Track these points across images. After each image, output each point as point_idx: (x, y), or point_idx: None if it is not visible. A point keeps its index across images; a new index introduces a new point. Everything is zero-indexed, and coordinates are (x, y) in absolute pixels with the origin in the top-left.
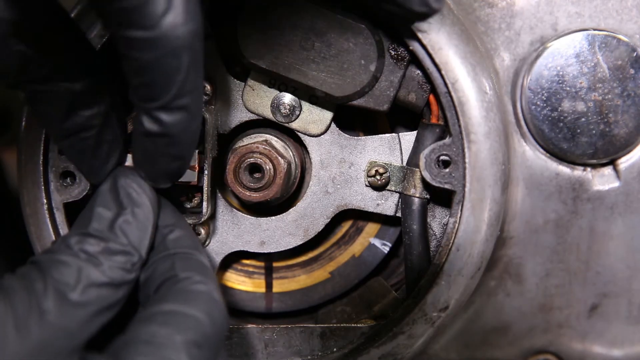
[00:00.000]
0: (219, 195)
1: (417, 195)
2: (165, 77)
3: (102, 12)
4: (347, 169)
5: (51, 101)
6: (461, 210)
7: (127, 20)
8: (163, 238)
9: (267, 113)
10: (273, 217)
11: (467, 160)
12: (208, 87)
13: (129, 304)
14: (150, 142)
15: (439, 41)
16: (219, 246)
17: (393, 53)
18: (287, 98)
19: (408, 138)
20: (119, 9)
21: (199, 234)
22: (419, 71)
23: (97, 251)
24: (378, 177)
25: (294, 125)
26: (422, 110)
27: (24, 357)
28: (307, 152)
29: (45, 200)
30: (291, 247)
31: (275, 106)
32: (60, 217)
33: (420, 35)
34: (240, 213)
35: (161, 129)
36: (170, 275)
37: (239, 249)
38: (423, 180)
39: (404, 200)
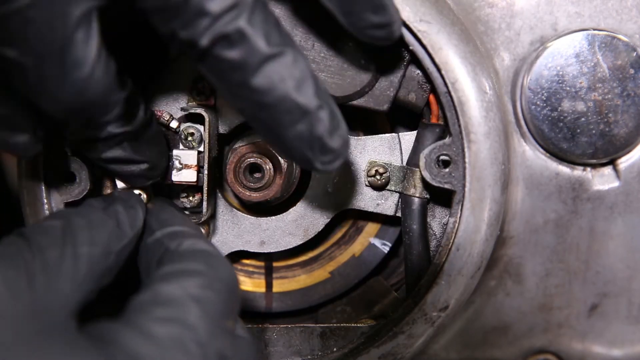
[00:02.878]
0: (219, 195)
1: (417, 195)
2: None
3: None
4: (347, 168)
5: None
6: (461, 210)
7: None
8: (152, 230)
9: None
10: (273, 217)
11: (467, 160)
12: (208, 87)
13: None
14: None
15: (439, 41)
16: (219, 246)
17: None
18: None
19: (408, 138)
20: None
21: None
22: (419, 71)
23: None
24: (378, 177)
25: None
26: (422, 110)
27: (18, 321)
28: None
29: (45, 200)
30: (291, 247)
31: None
32: None
33: (420, 35)
34: (240, 213)
35: None
36: (163, 251)
37: (239, 249)
38: (423, 180)
39: (404, 200)
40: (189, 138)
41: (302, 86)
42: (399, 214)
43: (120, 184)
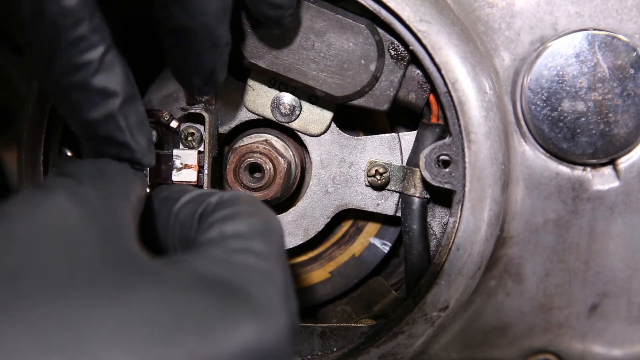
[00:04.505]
0: None
1: (417, 195)
2: None
3: None
4: (347, 168)
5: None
6: (461, 210)
7: None
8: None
9: (267, 113)
10: None
11: (467, 160)
12: None
13: None
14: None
15: (439, 41)
16: None
17: (393, 53)
18: (287, 98)
19: (408, 138)
20: None
21: None
22: (419, 71)
23: None
24: (378, 176)
25: (294, 125)
26: (422, 110)
27: (98, 244)
28: (307, 151)
29: None
30: (291, 247)
31: (275, 106)
32: None
33: (420, 35)
34: None
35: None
36: (205, 206)
37: None
38: (423, 180)
39: (404, 200)
40: (189, 138)
41: (223, 20)
42: (399, 214)
43: None
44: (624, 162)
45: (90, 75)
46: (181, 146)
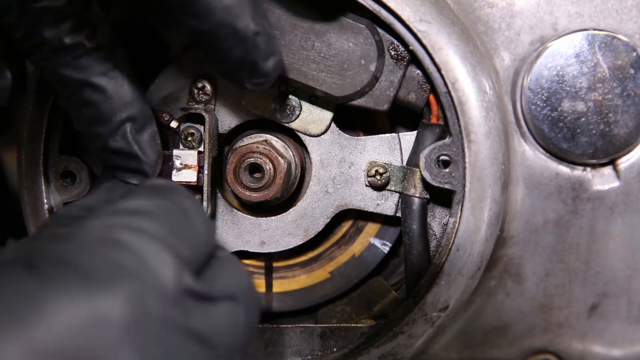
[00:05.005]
0: (219, 195)
1: (417, 195)
2: None
3: None
4: (347, 169)
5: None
6: (461, 210)
7: None
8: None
9: (267, 113)
10: (273, 217)
11: (467, 160)
12: (208, 87)
13: None
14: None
15: (439, 41)
16: None
17: (393, 53)
18: (287, 98)
19: (408, 138)
20: None
21: None
22: (419, 71)
23: None
24: (378, 177)
25: (294, 125)
26: (422, 110)
27: None
28: (307, 152)
29: (45, 200)
30: (291, 247)
31: (275, 106)
32: None
33: (420, 35)
34: (240, 213)
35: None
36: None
37: (239, 249)
38: (423, 180)
39: (404, 200)
40: (189, 138)
41: (241, 12)
42: (399, 214)
43: None
44: (624, 162)
45: (99, 92)
46: (181, 146)
